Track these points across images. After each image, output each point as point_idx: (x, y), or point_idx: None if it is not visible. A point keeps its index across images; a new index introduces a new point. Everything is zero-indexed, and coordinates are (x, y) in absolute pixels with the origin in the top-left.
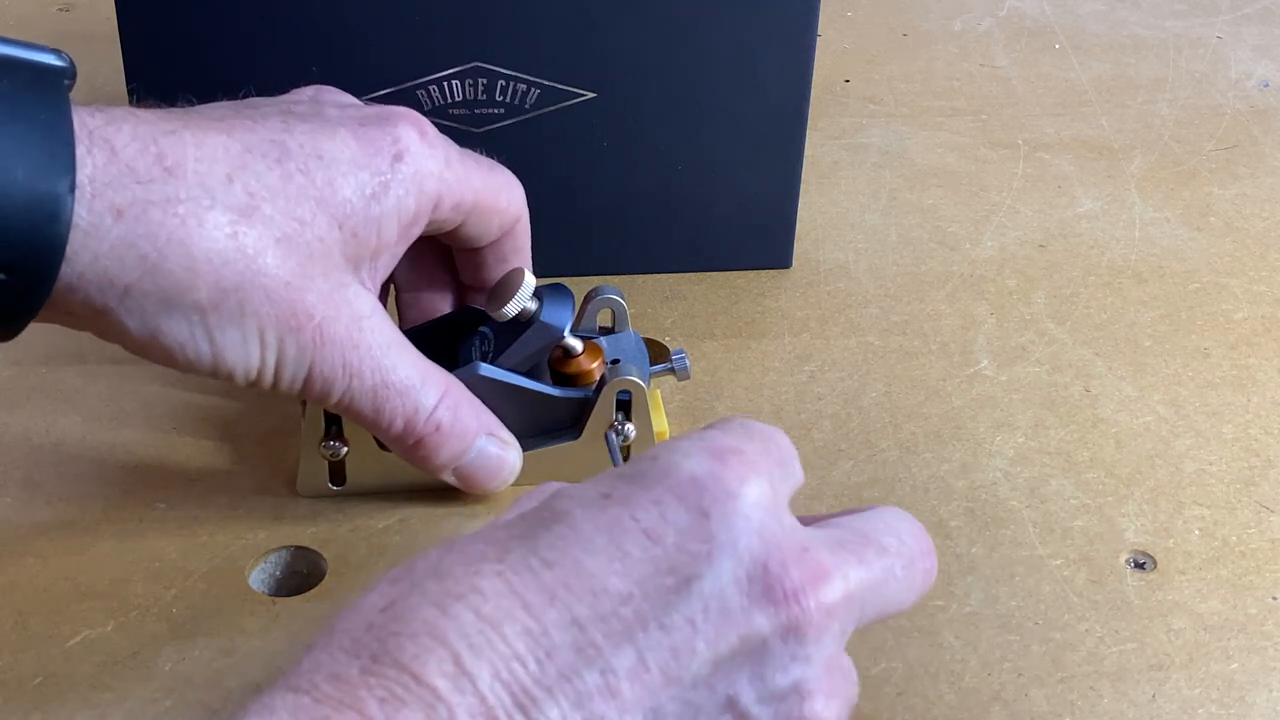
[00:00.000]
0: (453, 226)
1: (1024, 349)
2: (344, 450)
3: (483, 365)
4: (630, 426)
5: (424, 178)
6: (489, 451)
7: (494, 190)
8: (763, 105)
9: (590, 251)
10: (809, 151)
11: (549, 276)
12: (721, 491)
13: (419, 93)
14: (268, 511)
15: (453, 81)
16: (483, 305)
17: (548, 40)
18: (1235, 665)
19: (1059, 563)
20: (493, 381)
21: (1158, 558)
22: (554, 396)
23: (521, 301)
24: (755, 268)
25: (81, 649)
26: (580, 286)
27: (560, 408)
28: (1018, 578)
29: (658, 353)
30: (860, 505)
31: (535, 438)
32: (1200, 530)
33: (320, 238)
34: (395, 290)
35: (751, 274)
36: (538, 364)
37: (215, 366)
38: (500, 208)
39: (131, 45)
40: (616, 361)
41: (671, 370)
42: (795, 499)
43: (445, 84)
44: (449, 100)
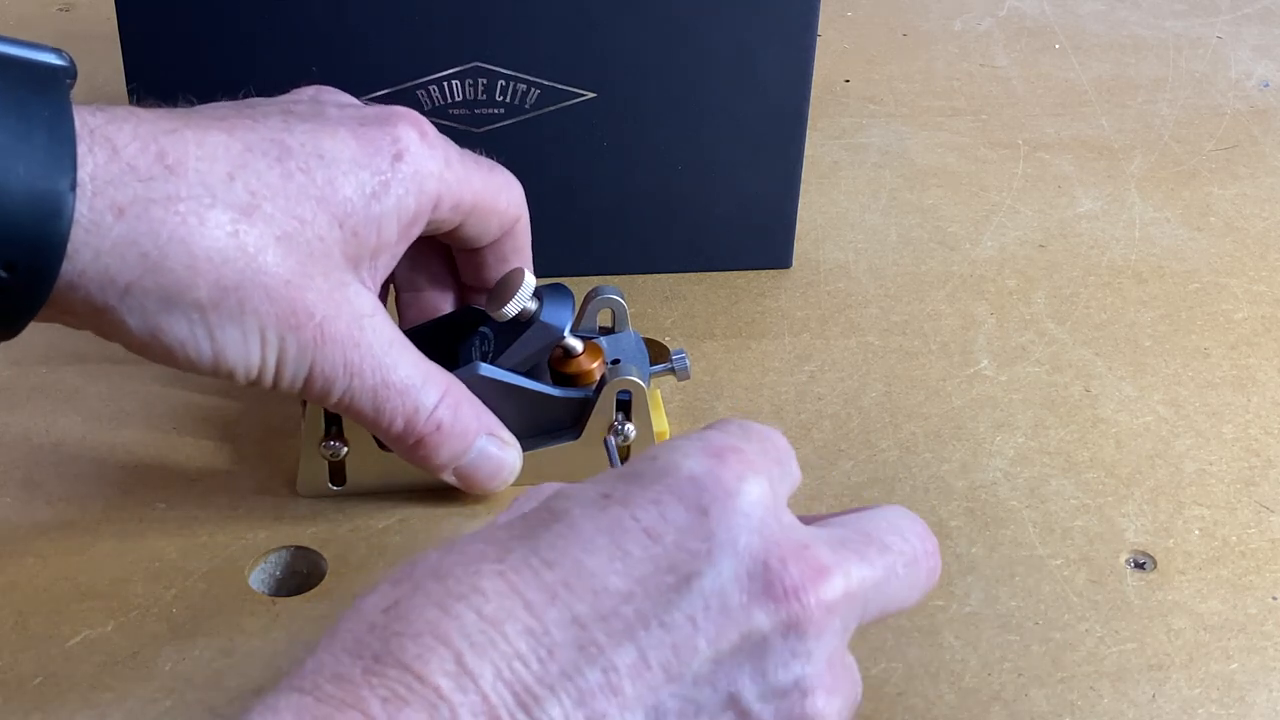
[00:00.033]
0: (452, 226)
1: (1024, 349)
2: (344, 450)
3: (483, 365)
4: (630, 426)
5: (424, 177)
6: (489, 451)
7: (493, 190)
8: (763, 105)
9: (590, 251)
10: (809, 151)
11: (549, 276)
12: (720, 490)
13: (419, 93)
14: (268, 511)
15: (453, 81)
16: (483, 305)
17: (548, 40)
18: (1235, 665)
19: (1059, 563)
20: (493, 381)
21: (1158, 558)
22: (554, 396)
23: (521, 301)
24: (755, 268)
25: (81, 649)
26: (580, 286)
27: (560, 408)
28: (1018, 578)
29: (658, 353)
30: (861, 505)
31: (535, 438)
32: (1200, 530)
33: (320, 236)
34: (395, 290)
35: (751, 274)
36: (538, 364)
37: (216, 365)
38: (500, 208)
39: (131, 45)
40: (616, 361)
41: (671, 370)
42: (794, 499)
43: (445, 84)
44: (449, 100)
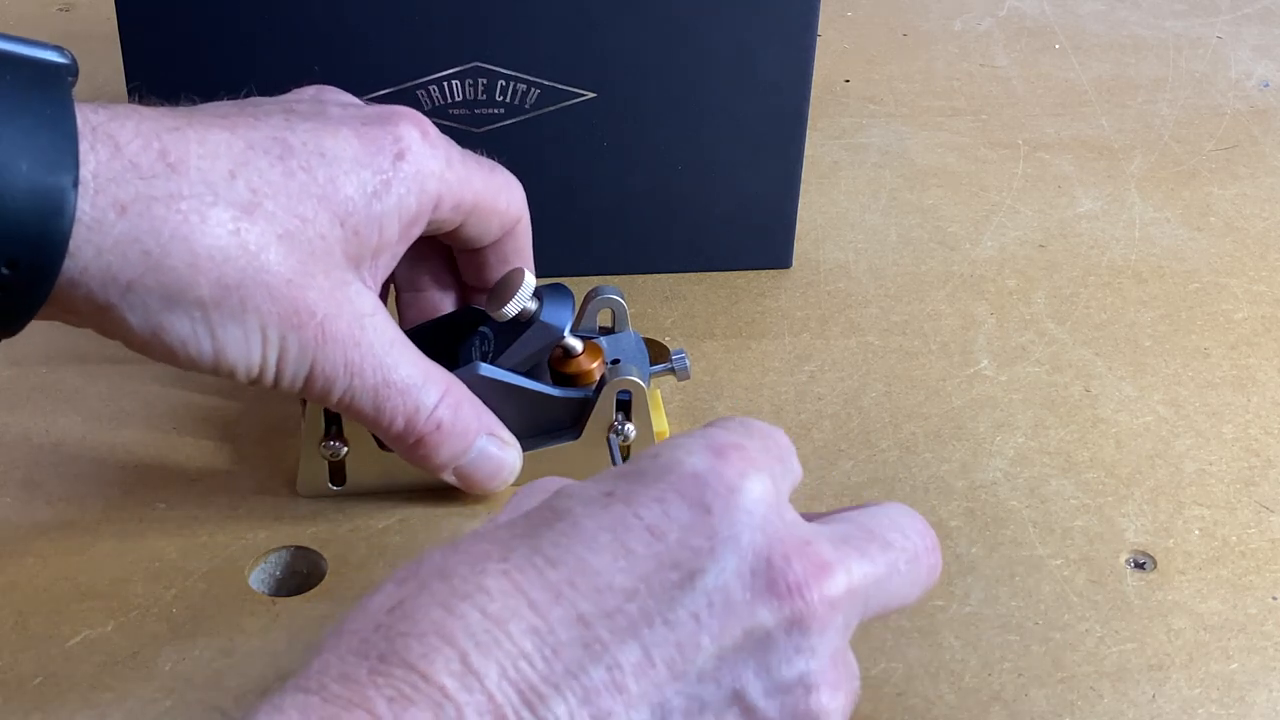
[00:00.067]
0: (453, 227)
1: (1024, 349)
2: (344, 450)
3: (483, 365)
4: (630, 426)
5: (425, 177)
6: (489, 451)
7: (494, 191)
8: (763, 105)
9: (590, 251)
10: (809, 151)
11: (549, 276)
12: (723, 487)
13: (419, 93)
14: (268, 511)
15: (453, 81)
16: (483, 305)
17: (548, 40)
18: (1235, 665)
19: (1059, 563)
20: (493, 381)
21: (1158, 558)
22: (554, 396)
23: (521, 301)
24: (755, 268)
25: (81, 649)
26: (580, 286)
27: (560, 408)
28: (1018, 578)
29: (658, 353)
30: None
31: (535, 438)
32: (1200, 530)
33: (322, 235)
34: (395, 290)
35: (751, 274)
36: (538, 364)
37: (217, 364)
38: (500, 209)
39: (131, 45)
40: (616, 361)
41: (671, 370)
42: (795, 498)
43: (445, 84)
44: (449, 100)
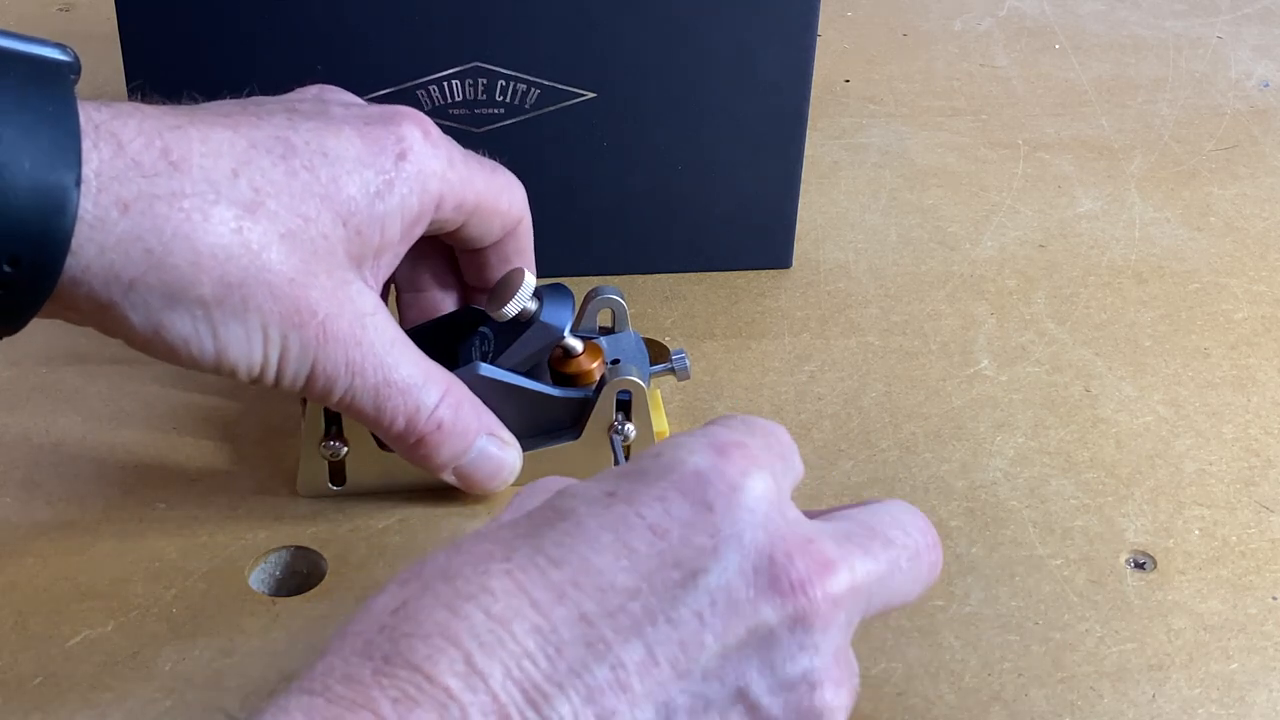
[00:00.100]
0: (454, 227)
1: (1024, 349)
2: (344, 450)
3: (483, 365)
4: (630, 426)
5: (427, 177)
6: (489, 451)
7: (496, 191)
8: (763, 105)
9: (590, 251)
10: (809, 151)
11: (549, 276)
12: (725, 485)
13: (419, 93)
14: (268, 511)
15: (453, 81)
16: (483, 305)
17: (548, 40)
18: (1235, 665)
19: (1059, 563)
20: (493, 381)
21: (1158, 558)
22: (554, 396)
23: (521, 301)
24: (755, 268)
25: (81, 649)
26: (580, 286)
27: (560, 408)
28: (1018, 578)
29: (658, 353)
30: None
31: (535, 438)
32: (1200, 530)
33: (324, 235)
34: (396, 290)
35: (751, 274)
36: (538, 364)
37: (218, 362)
38: (502, 209)
39: (131, 45)
40: (616, 361)
41: (671, 370)
42: (794, 498)
43: (445, 84)
44: (449, 100)
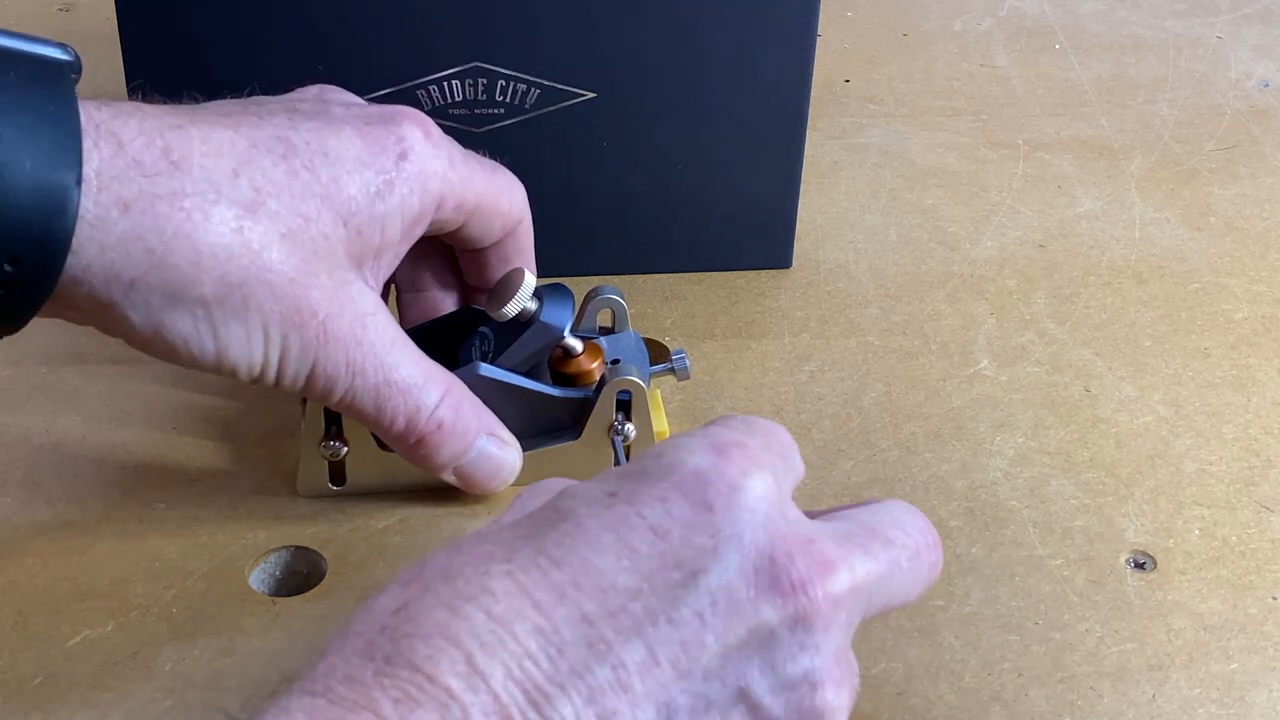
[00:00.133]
0: (455, 227)
1: (1024, 349)
2: (344, 450)
3: (483, 365)
4: (630, 426)
5: (428, 177)
6: (489, 451)
7: (496, 191)
8: (763, 105)
9: (590, 251)
10: (809, 151)
11: (549, 276)
12: (725, 485)
13: (419, 93)
14: (268, 511)
15: (453, 81)
16: (483, 305)
17: (548, 40)
18: (1235, 665)
19: (1059, 563)
20: (493, 381)
21: (1158, 558)
22: (554, 396)
23: (521, 301)
24: (755, 268)
25: (81, 649)
26: (580, 286)
27: (560, 408)
28: (1018, 578)
29: (658, 353)
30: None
31: (535, 438)
32: (1200, 530)
33: (325, 234)
34: (396, 290)
35: (751, 274)
36: (538, 364)
37: (219, 362)
38: (502, 209)
39: (131, 45)
40: (616, 361)
41: (671, 370)
42: (795, 499)
43: (445, 84)
44: (449, 100)
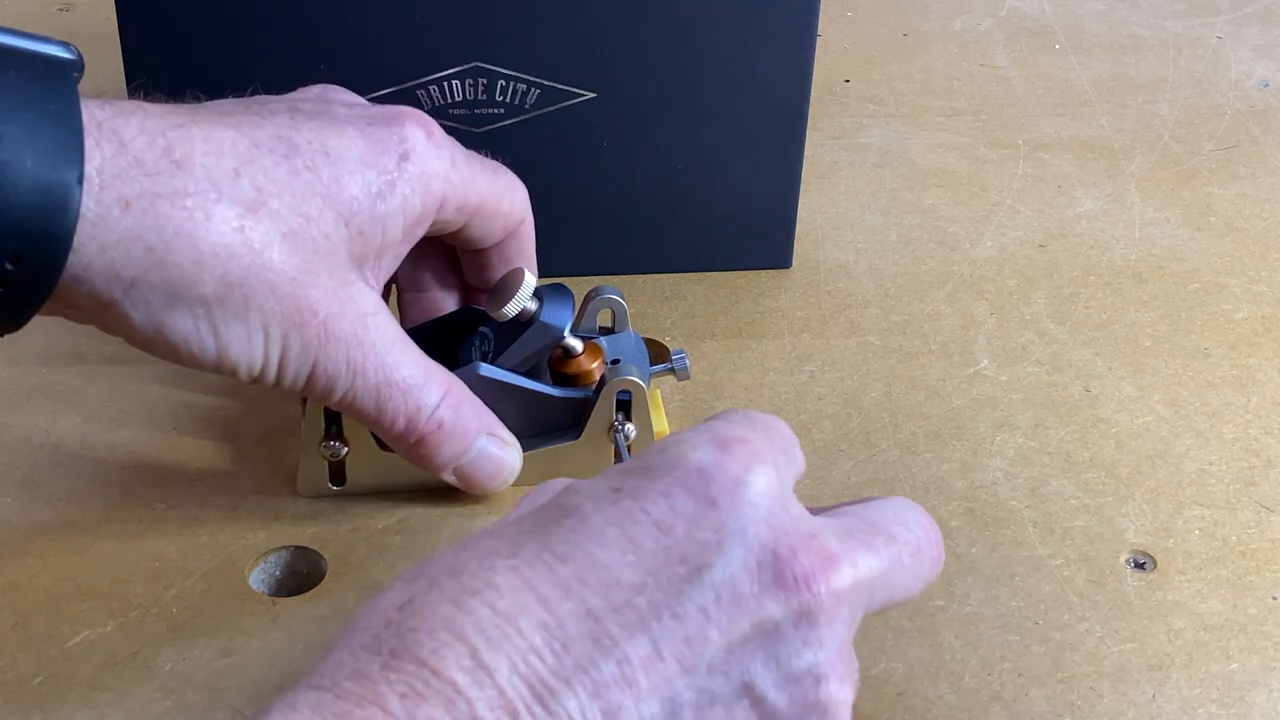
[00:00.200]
0: (456, 227)
1: (1024, 349)
2: (344, 450)
3: (483, 365)
4: (630, 426)
5: (430, 178)
6: (489, 451)
7: (498, 192)
8: (763, 105)
9: (590, 251)
10: (809, 151)
11: (549, 276)
12: (728, 480)
13: (419, 93)
14: (268, 511)
15: (453, 81)
16: (483, 305)
17: (548, 40)
18: (1235, 665)
19: (1059, 563)
20: (493, 381)
21: (1158, 558)
22: (554, 396)
23: (521, 301)
24: (755, 268)
25: (81, 649)
26: (580, 286)
27: (560, 408)
28: (1018, 578)
29: (658, 353)
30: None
31: (535, 438)
32: (1200, 530)
33: (326, 234)
34: (397, 290)
35: (751, 274)
36: (538, 364)
37: (219, 361)
38: (504, 210)
39: (131, 45)
40: (616, 361)
41: (671, 370)
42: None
43: (445, 84)
44: (449, 100)
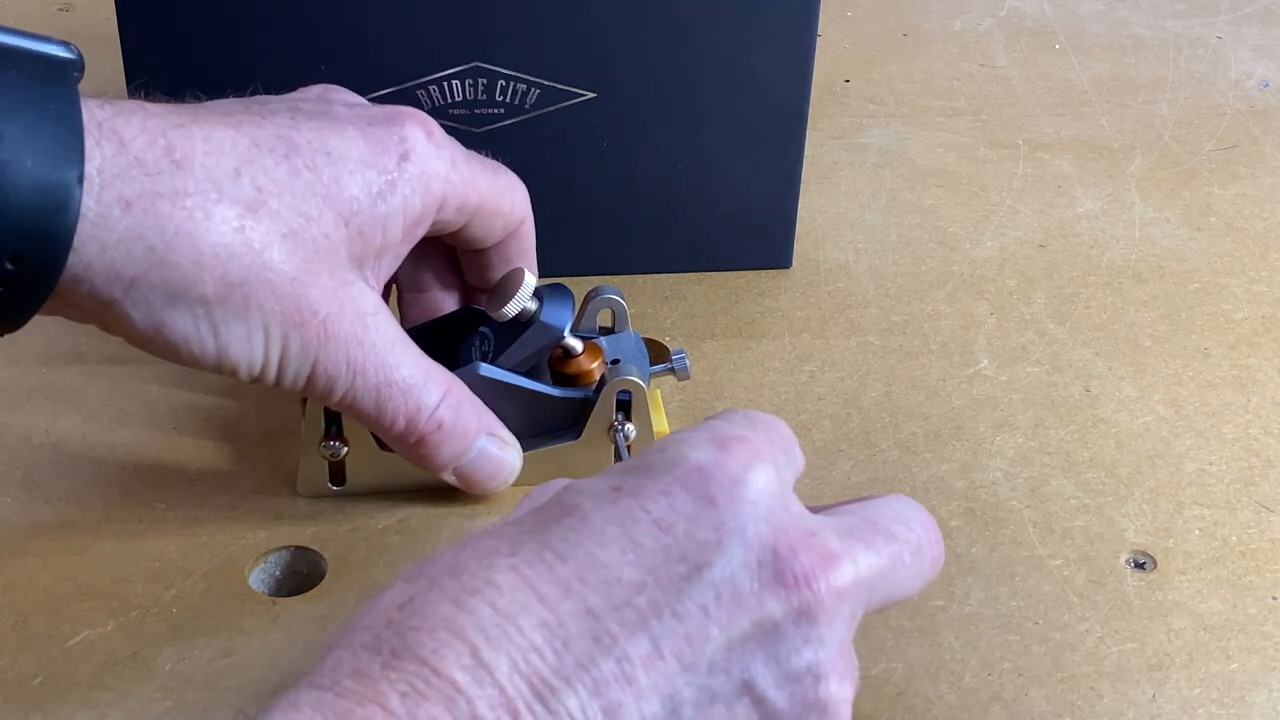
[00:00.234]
0: (457, 227)
1: (1024, 349)
2: (344, 450)
3: (483, 365)
4: (630, 426)
5: (430, 178)
6: (489, 451)
7: (498, 192)
8: (763, 105)
9: (590, 251)
10: (809, 151)
11: (549, 276)
12: (728, 479)
13: (419, 93)
14: (268, 511)
15: (453, 81)
16: (483, 305)
17: (548, 40)
18: (1235, 665)
19: (1059, 563)
20: (493, 381)
21: (1158, 558)
22: (554, 396)
23: (521, 301)
24: (755, 268)
25: (81, 649)
26: (580, 286)
27: (560, 408)
28: (1018, 578)
29: (658, 353)
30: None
31: (535, 438)
32: (1200, 530)
33: (326, 234)
34: (397, 290)
35: (751, 274)
36: (538, 364)
37: (219, 361)
38: (504, 210)
39: (131, 45)
40: (616, 361)
41: (671, 370)
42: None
43: (445, 84)
44: (449, 100)
